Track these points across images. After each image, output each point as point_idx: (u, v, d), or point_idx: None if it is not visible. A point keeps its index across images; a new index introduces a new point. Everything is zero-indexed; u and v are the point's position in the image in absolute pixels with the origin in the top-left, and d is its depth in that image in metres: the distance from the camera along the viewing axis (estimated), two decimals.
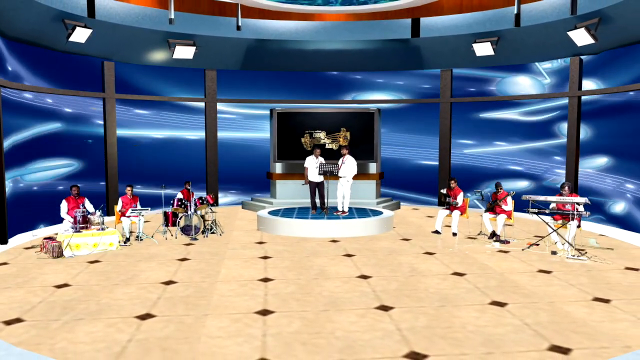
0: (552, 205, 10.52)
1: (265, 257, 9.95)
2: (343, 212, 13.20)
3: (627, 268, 9.09)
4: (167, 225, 12.47)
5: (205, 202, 12.31)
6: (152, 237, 11.74)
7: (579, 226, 10.50)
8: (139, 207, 11.76)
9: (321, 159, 13.42)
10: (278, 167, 16.53)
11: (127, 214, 11.63)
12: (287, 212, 13.63)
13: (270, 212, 13.56)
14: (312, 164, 13.39)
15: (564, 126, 15.02)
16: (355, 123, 16.30)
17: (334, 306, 7.03)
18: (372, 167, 16.54)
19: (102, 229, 10.73)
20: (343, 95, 17.72)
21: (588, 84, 14.28)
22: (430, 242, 11.40)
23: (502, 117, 16.29)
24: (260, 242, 11.45)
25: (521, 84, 15.90)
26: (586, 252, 10.07)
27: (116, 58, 15.25)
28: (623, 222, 12.97)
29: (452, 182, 12.20)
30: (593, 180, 13.96)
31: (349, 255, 10.10)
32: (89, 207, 11.27)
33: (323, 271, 8.89)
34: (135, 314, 6.75)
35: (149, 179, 16.17)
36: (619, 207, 13.15)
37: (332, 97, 17.70)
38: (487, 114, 16.43)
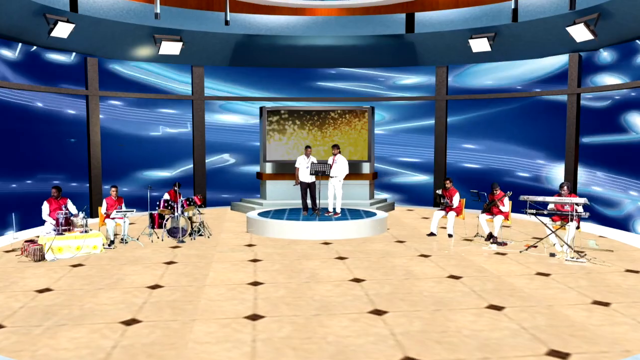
0: (551, 206, 10.59)
1: (254, 260, 9.96)
2: (335, 213, 13.22)
3: (627, 270, 9.15)
4: (153, 228, 12.45)
5: (192, 204, 12.30)
6: (137, 239, 11.72)
7: (578, 227, 10.57)
8: (123, 208, 11.74)
9: (312, 159, 13.43)
10: (268, 167, 16.53)
11: (111, 216, 11.60)
12: (278, 214, 13.64)
13: (260, 214, 13.56)
14: (303, 164, 13.40)
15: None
16: (348, 120, 16.32)
17: (326, 310, 7.05)
18: (366, 167, 16.57)
19: (86, 232, 10.70)
20: (335, 92, 17.74)
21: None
22: (425, 244, 11.44)
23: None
24: (250, 245, 11.46)
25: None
26: (585, 254, 10.13)
27: (100, 54, 15.22)
28: None
29: (448, 182, 12.24)
30: None
31: (342, 258, 10.12)
32: (72, 208, 11.24)
33: (314, 274, 8.91)
34: (120, 319, 6.75)
35: (132, 180, 16.16)
36: None
37: (323, 94, 17.73)
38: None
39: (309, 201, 13.61)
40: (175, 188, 12.49)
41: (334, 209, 13.36)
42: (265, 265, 9.56)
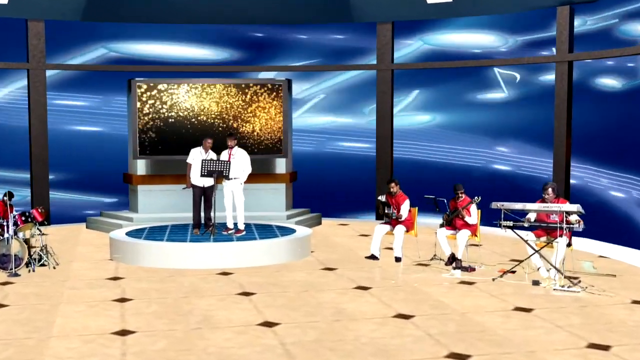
0: (529, 216, 10.89)
1: (122, 300, 9.89)
2: (237, 230, 13.25)
3: (634, 302, 9.58)
4: None
5: (30, 220, 12.08)
6: None
7: (569, 244, 10.91)
8: None
9: (212, 154, 13.36)
10: (140, 166, 16.36)
11: None
12: (156, 233, 13.57)
13: (130, 233, 13.43)
14: (200, 160, 13.26)
15: None
16: (253, 100, 16.34)
17: None
18: (280, 165, 16.65)
19: None
20: (235, 60, 17.76)
21: None
22: (364, 272, 11.63)
23: None
24: (115, 278, 11.36)
25: None
26: (580, 281, 10.51)
27: None
28: None
29: (393, 185, 12.37)
30: None
31: (247, 294, 10.18)
32: None
33: (208, 317, 8.93)
34: None
35: None
36: None
37: (219, 61, 17.71)
38: None
39: (202, 214, 13.56)
40: (5, 198, 12.25)
41: (235, 224, 13.37)
42: (137, 307, 9.52)
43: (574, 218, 10.50)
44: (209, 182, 13.26)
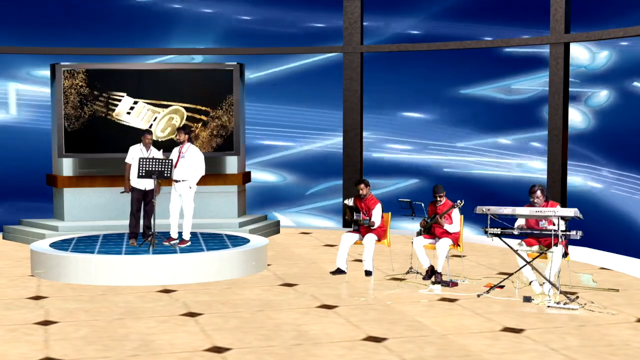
0: (520, 222, 10.99)
1: (46, 323, 9.83)
2: (182, 241, 13.25)
3: None
4: None
5: None
6: None
7: (565, 255, 11.02)
8: None
9: (154, 152, 13.33)
10: (67, 166, 16.22)
11: None
12: (85, 244, 13.50)
13: (55, 245, 13.34)
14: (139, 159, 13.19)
15: None
16: (200, 88, 16.28)
17: None
18: (232, 164, 16.63)
19: None
20: (176, 41, 17.74)
21: None
22: (329, 288, 11.69)
23: None
24: (38, 297, 11.30)
25: None
26: (578, 297, 10.62)
27: None
28: None
29: (362, 187, 12.40)
30: None
31: (193, 315, 10.17)
32: None
33: (147, 342, 8.90)
34: None
35: None
36: None
37: (158, 42, 17.66)
38: None
39: (141, 221, 13.51)
40: None
41: (180, 233, 13.36)
42: (64, 330, 9.46)
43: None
44: (150, 184, 13.21)
